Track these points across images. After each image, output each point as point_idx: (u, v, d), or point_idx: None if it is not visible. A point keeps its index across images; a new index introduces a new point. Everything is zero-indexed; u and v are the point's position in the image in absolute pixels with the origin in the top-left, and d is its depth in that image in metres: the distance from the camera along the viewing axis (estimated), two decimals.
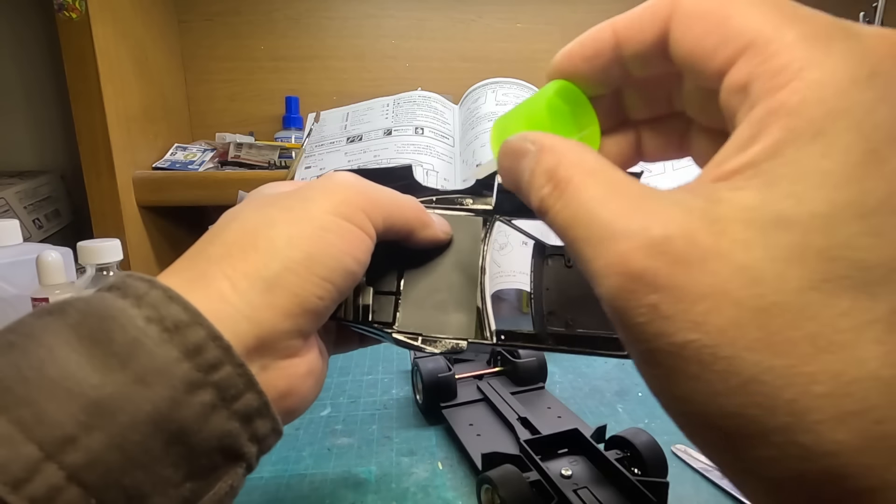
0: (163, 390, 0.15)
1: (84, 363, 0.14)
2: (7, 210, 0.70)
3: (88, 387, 0.14)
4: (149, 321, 0.15)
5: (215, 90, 0.89)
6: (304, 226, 0.19)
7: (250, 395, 0.16)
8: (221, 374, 0.16)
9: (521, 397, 0.36)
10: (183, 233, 0.81)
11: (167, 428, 0.15)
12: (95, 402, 0.14)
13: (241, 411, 0.16)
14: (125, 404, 0.14)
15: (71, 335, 0.15)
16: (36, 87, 0.82)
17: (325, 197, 0.20)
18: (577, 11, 0.92)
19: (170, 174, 0.71)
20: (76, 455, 0.13)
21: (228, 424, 0.16)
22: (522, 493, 0.25)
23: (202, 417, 0.15)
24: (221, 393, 0.16)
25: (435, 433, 0.35)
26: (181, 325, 0.15)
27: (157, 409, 0.14)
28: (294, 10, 0.89)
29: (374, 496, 0.29)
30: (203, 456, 0.15)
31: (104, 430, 0.14)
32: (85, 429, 0.14)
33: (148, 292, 0.16)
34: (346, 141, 0.68)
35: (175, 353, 0.15)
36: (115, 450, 0.14)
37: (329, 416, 0.37)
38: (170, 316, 0.15)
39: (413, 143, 0.64)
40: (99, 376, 0.14)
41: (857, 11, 0.65)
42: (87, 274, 0.45)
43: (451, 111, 0.70)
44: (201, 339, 0.16)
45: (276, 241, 0.18)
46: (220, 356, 0.16)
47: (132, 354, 0.15)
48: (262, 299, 0.18)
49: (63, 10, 0.59)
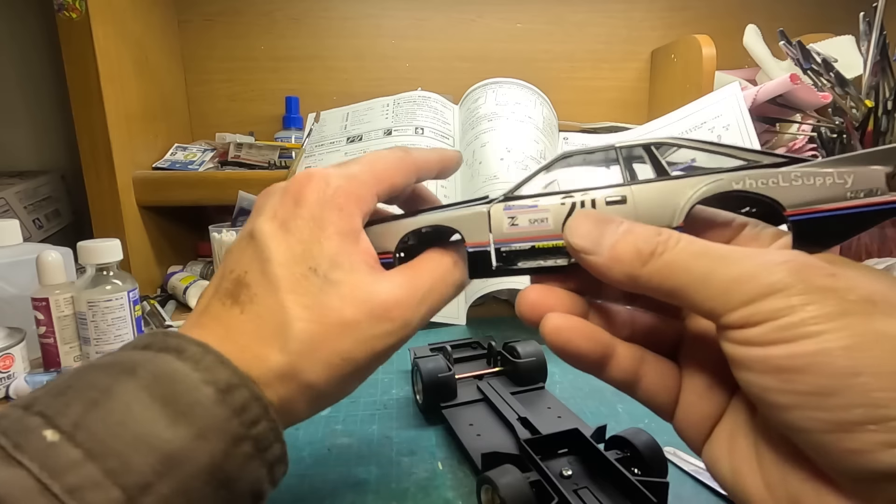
0: (218, 444, 0.18)
1: (157, 419, 0.17)
2: (7, 210, 0.70)
3: (162, 441, 0.17)
4: (206, 384, 0.18)
5: (215, 90, 0.89)
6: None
7: (277, 446, 0.19)
8: (259, 429, 0.19)
9: (521, 397, 0.36)
10: (183, 233, 0.81)
11: (218, 476, 0.17)
12: (168, 455, 0.17)
13: (268, 459, 0.19)
14: (189, 456, 0.17)
15: (144, 395, 0.17)
16: (36, 87, 0.82)
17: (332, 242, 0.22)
18: (577, 11, 0.92)
19: (170, 174, 0.71)
20: (150, 499, 0.16)
21: (259, 472, 0.19)
22: (522, 493, 0.25)
23: (243, 466, 0.18)
24: (258, 444, 0.19)
25: (435, 433, 0.35)
26: (231, 387, 0.18)
27: (213, 460, 0.17)
28: (294, 10, 0.89)
29: (374, 496, 0.29)
30: (240, 499, 0.19)
31: (173, 478, 0.16)
32: (158, 476, 0.16)
33: (203, 357, 0.19)
34: (346, 141, 0.68)
35: (227, 412, 0.18)
36: (180, 495, 0.17)
37: (329, 416, 0.37)
38: (223, 379, 0.18)
39: (413, 143, 0.64)
40: (170, 432, 0.17)
41: (857, 11, 0.65)
42: (87, 274, 0.45)
43: (451, 111, 0.70)
44: (246, 399, 0.18)
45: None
46: (260, 413, 0.19)
47: (195, 413, 0.17)
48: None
49: (63, 10, 0.59)
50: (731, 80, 0.67)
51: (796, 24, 0.91)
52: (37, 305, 0.43)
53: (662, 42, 0.92)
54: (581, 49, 0.94)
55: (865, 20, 0.64)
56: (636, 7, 0.94)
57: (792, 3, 0.97)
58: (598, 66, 0.95)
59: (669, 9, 0.95)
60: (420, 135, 0.65)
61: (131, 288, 0.45)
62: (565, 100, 0.91)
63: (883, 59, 0.64)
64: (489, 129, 0.61)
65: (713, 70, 0.76)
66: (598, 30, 0.93)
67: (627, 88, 0.97)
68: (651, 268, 0.17)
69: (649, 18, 0.95)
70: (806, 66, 0.68)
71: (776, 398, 0.15)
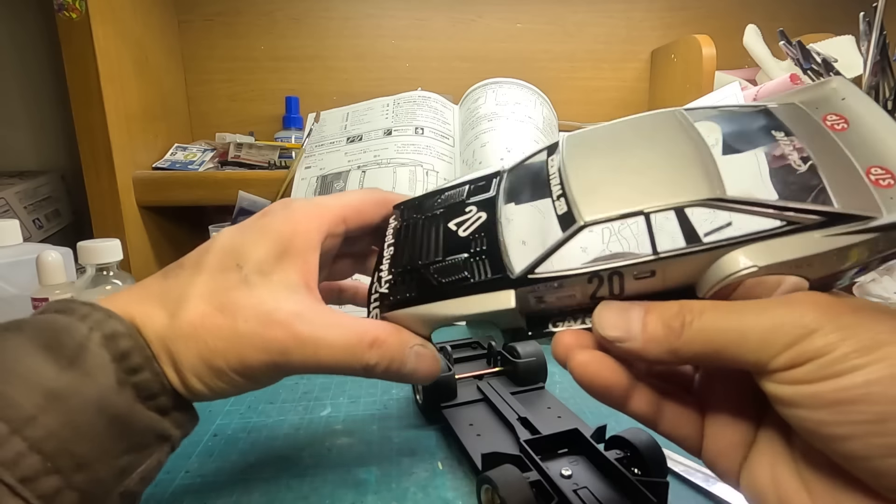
0: (105, 380, 0.19)
1: (41, 363, 0.18)
2: (7, 210, 0.70)
3: (46, 379, 0.18)
4: (92, 331, 0.20)
5: (215, 90, 0.89)
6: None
7: (164, 398, 0.21)
8: (140, 377, 0.20)
9: (521, 397, 0.36)
10: (183, 233, 0.81)
11: (107, 411, 0.19)
12: (52, 391, 0.18)
13: (159, 406, 0.21)
14: (75, 391, 0.18)
15: (29, 344, 0.19)
16: (36, 87, 0.82)
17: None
18: (577, 11, 0.92)
19: (170, 174, 0.71)
20: (35, 430, 0.17)
21: (150, 415, 0.20)
22: (522, 493, 0.25)
23: (130, 408, 0.20)
24: (139, 392, 0.20)
25: (435, 433, 0.35)
26: (116, 334, 0.20)
27: (101, 395, 0.19)
28: (294, 10, 0.89)
29: (374, 496, 0.29)
30: (137, 435, 0.20)
31: (59, 411, 0.18)
32: (43, 411, 0.17)
33: (91, 313, 0.20)
34: (346, 141, 0.68)
35: (109, 355, 0.19)
36: (67, 426, 0.18)
37: (329, 416, 0.37)
38: (108, 328, 0.20)
39: (413, 143, 0.64)
40: (54, 372, 0.18)
41: (857, 11, 0.65)
42: (87, 274, 0.45)
43: (451, 111, 0.70)
44: (129, 347, 0.20)
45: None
46: (142, 362, 0.20)
47: (80, 355, 0.19)
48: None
49: (63, 10, 0.59)
50: (731, 80, 0.67)
51: (796, 24, 0.91)
52: (37, 305, 0.43)
53: (662, 42, 0.92)
54: (581, 49, 0.94)
55: (865, 20, 0.64)
56: (636, 7, 0.94)
57: (792, 3, 0.97)
58: (598, 66, 0.95)
59: (669, 9, 0.95)
60: (420, 135, 0.65)
61: None
62: (565, 100, 0.91)
63: (883, 59, 0.64)
64: (489, 129, 0.61)
65: (713, 70, 0.76)
66: (598, 30, 0.93)
67: (627, 88, 0.97)
68: (686, 337, 0.17)
69: (649, 18, 0.95)
70: (806, 66, 0.68)
71: (833, 430, 0.15)
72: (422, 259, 0.23)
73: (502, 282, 0.20)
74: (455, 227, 0.23)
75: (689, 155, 0.19)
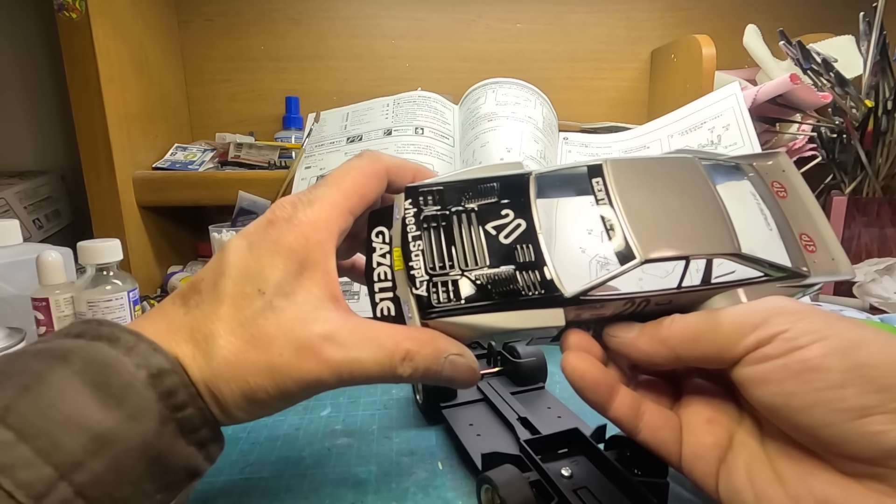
0: (149, 424, 0.19)
1: (89, 402, 0.18)
2: (7, 210, 0.70)
3: (93, 422, 0.18)
4: (139, 367, 0.19)
5: (215, 90, 0.89)
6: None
7: (205, 430, 0.21)
8: (185, 413, 0.20)
9: (521, 397, 0.36)
10: (183, 233, 0.81)
11: (149, 453, 0.19)
12: (98, 435, 0.18)
13: (197, 440, 0.21)
14: (121, 436, 0.18)
15: (76, 380, 0.18)
16: (36, 87, 0.82)
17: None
18: (577, 11, 0.92)
19: (170, 174, 0.71)
20: (82, 476, 0.17)
21: (187, 450, 0.20)
22: (522, 493, 0.25)
23: (170, 446, 0.20)
24: (182, 427, 0.20)
25: (435, 433, 0.35)
26: (163, 372, 0.20)
27: (145, 438, 0.19)
28: (294, 10, 0.89)
29: (374, 496, 0.29)
30: (172, 474, 0.20)
31: (105, 456, 0.18)
32: (90, 455, 0.17)
33: (137, 345, 0.20)
34: (346, 141, 0.68)
35: (155, 395, 0.19)
36: (112, 471, 0.18)
37: (329, 416, 0.37)
38: (154, 364, 0.20)
39: (413, 143, 0.64)
40: (101, 414, 0.18)
41: (857, 11, 0.65)
42: (87, 274, 0.45)
43: (451, 111, 0.70)
44: (175, 384, 0.20)
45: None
46: (187, 399, 0.20)
47: (127, 394, 0.19)
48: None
49: (63, 10, 0.59)
50: (731, 80, 0.67)
51: (796, 24, 0.91)
52: (37, 305, 0.43)
53: (662, 42, 0.92)
54: (581, 49, 0.94)
55: (865, 20, 0.64)
56: (636, 7, 0.94)
57: (792, 3, 0.97)
58: (598, 66, 0.95)
59: (669, 9, 0.95)
60: (420, 135, 0.65)
61: (131, 288, 0.45)
62: (565, 100, 0.91)
63: (883, 59, 0.64)
64: (489, 129, 0.61)
65: (713, 70, 0.76)
66: (598, 30, 0.93)
67: (627, 88, 0.97)
68: (672, 328, 0.21)
69: (649, 18, 0.95)
70: (806, 66, 0.68)
71: (800, 401, 0.18)
72: (467, 264, 0.23)
73: (555, 300, 0.22)
74: (494, 231, 0.23)
75: (712, 210, 0.23)
